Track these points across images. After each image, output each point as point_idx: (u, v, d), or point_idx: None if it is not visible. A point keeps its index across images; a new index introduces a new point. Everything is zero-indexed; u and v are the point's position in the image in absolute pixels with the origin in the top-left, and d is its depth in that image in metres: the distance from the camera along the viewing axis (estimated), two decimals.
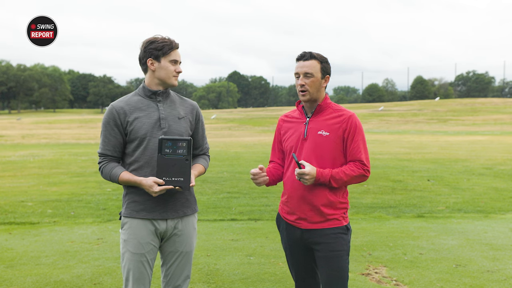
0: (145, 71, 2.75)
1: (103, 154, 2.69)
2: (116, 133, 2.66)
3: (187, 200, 2.79)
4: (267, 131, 36.62)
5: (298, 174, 2.61)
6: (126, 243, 2.69)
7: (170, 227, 2.72)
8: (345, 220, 2.77)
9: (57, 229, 6.33)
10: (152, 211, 2.67)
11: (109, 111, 2.69)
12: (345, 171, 2.68)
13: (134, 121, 2.65)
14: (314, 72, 2.73)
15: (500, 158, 15.05)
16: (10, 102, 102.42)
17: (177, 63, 2.73)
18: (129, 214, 2.69)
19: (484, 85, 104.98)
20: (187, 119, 2.78)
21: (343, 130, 2.73)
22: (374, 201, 8.42)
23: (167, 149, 2.56)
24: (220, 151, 18.53)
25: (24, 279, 4.37)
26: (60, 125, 46.05)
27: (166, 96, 2.77)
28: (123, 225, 2.73)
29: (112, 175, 2.65)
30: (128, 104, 2.69)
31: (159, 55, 2.67)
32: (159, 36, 2.70)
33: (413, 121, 45.02)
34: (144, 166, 2.65)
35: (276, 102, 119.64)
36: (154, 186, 2.55)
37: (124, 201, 2.74)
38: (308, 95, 2.74)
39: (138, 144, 2.66)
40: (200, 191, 9.29)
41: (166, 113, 2.71)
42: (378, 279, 4.38)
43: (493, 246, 5.42)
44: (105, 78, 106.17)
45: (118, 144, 2.68)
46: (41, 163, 14.55)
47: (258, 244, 5.54)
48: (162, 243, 2.78)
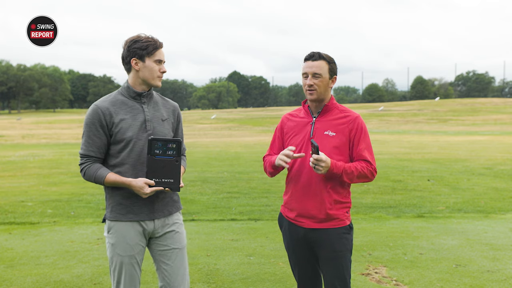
0: (128, 70, 2.68)
1: (86, 155, 2.61)
2: (101, 134, 2.60)
3: (172, 199, 2.77)
4: (267, 131, 36.62)
5: (316, 160, 2.57)
6: (115, 247, 2.64)
7: (157, 226, 2.70)
8: (348, 219, 2.78)
9: (57, 229, 6.32)
10: (139, 212, 2.64)
11: (94, 111, 2.60)
12: (356, 166, 2.69)
13: (120, 122, 2.60)
14: (322, 72, 2.74)
15: (500, 158, 15.05)
16: (10, 102, 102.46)
17: (162, 62, 2.67)
18: (114, 217, 2.64)
19: (484, 85, 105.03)
20: (169, 120, 2.77)
21: (349, 131, 2.74)
22: (374, 201, 8.42)
23: (157, 150, 2.54)
24: (220, 151, 18.52)
25: (24, 279, 4.37)
26: (60, 125, 46.06)
27: (150, 97, 2.73)
28: (109, 229, 2.67)
29: (97, 176, 2.58)
30: (113, 104, 2.63)
31: (144, 55, 2.60)
32: (143, 35, 2.64)
33: (413, 121, 45.02)
34: (130, 168, 2.61)
35: (276, 102, 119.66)
36: (145, 187, 2.52)
37: (108, 204, 2.68)
38: (315, 94, 2.75)
39: (123, 146, 2.61)
40: (200, 191, 9.29)
41: (150, 115, 2.68)
42: (378, 279, 4.38)
43: (493, 246, 5.41)
44: (105, 78, 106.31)
45: (102, 145, 2.61)
46: (41, 163, 14.55)
47: (258, 244, 5.54)
48: (153, 243, 2.73)
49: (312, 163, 2.60)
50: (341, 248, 2.72)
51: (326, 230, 2.72)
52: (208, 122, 47.63)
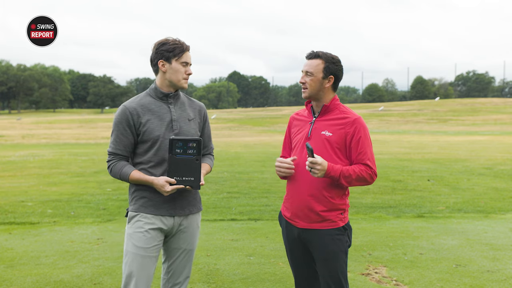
0: (156, 72, 2.79)
1: (114, 153, 2.73)
2: (128, 133, 2.70)
3: (194, 198, 2.86)
4: (267, 131, 36.63)
5: (310, 163, 2.59)
6: (131, 237, 2.70)
7: (176, 224, 2.76)
8: (342, 221, 2.76)
9: (57, 229, 6.32)
10: (160, 207, 2.71)
11: (122, 111, 2.71)
12: (354, 169, 2.68)
13: (147, 122, 2.70)
14: (314, 71, 2.74)
15: (500, 158, 15.05)
16: (10, 102, 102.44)
17: (188, 65, 2.76)
18: (137, 209, 2.72)
19: (484, 85, 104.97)
20: (196, 120, 2.85)
21: (345, 133, 2.73)
22: (374, 201, 8.42)
23: (178, 149, 2.61)
24: (220, 151, 18.53)
25: (24, 279, 4.37)
26: (60, 125, 46.07)
27: (177, 98, 2.82)
28: (130, 220, 2.74)
29: (123, 174, 2.68)
30: (140, 105, 2.73)
31: (170, 57, 2.70)
32: (171, 38, 2.74)
33: (413, 121, 45.03)
34: (156, 166, 2.70)
35: (276, 102, 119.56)
36: (166, 185, 2.60)
37: (132, 198, 2.77)
38: (306, 93, 2.78)
39: (151, 145, 2.70)
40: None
41: (177, 115, 2.77)
42: (378, 279, 4.38)
43: (493, 246, 5.42)
44: (105, 78, 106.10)
45: (129, 144, 2.72)
46: (41, 163, 14.55)
47: (258, 244, 5.54)
48: (167, 240, 2.81)
49: (308, 166, 2.61)
50: (334, 249, 2.71)
51: (318, 231, 2.72)
52: None
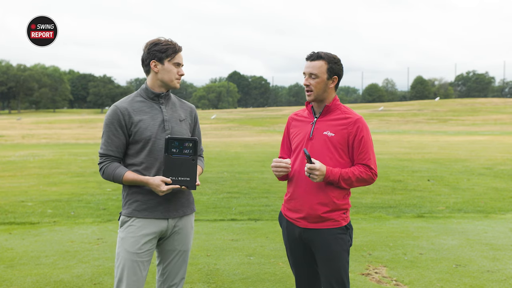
0: (147, 72, 2.75)
1: (106, 155, 2.68)
2: (120, 133, 2.66)
3: (187, 200, 2.82)
4: (267, 131, 36.64)
5: (309, 169, 2.60)
6: (123, 241, 2.67)
7: (170, 226, 2.74)
8: (344, 220, 2.76)
9: (57, 229, 6.32)
10: (153, 210, 2.68)
11: (113, 111, 2.67)
12: (354, 171, 2.69)
13: (139, 122, 2.66)
14: (319, 73, 2.73)
15: (500, 158, 15.05)
16: (10, 102, 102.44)
17: (180, 65, 2.74)
18: (130, 213, 2.68)
19: (484, 85, 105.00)
20: (187, 121, 2.83)
21: (348, 133, 2.73)
22: (374, 201, 8.43)
23: (174, 148, 2.59)
24: (220, 151, 18.53)
25: (24, 279, 4.36)
26: (60, 125, 46.08)
27: (168, 98, 2.80)
28: (123, 224, 2.71)
29: (116, 175, 2.64)
30: (132, 105, 2.70)
31: (163, 57, 2.68)
32: (163, 38, 2.71)
33: (413, 121, 45.03)
34: (149, 168, 2.67)
35: (276, 102, 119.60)
36: (161, 185, 2.57)
37: (125, 201, 2.73)
38: (312, 96, 2.76)
39: (143, 146, 2.67)
40: (200, 191, 9.29)
41: (169, 115, 2.74)
42: (378, 279, 4.38)
43: (493, 246, 5.42)
44: (105, 78, 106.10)
45: (121, 144, 2.68)
46: (41, 163, 14.55)
47: (258, 244, 5.54)
48: (161, 242, 2.78)
49: (307, 172, 2.62)
50: (337, 248, 2.71)
51: (321, 231, 2.71)
52: (208, 122, 47.61)
